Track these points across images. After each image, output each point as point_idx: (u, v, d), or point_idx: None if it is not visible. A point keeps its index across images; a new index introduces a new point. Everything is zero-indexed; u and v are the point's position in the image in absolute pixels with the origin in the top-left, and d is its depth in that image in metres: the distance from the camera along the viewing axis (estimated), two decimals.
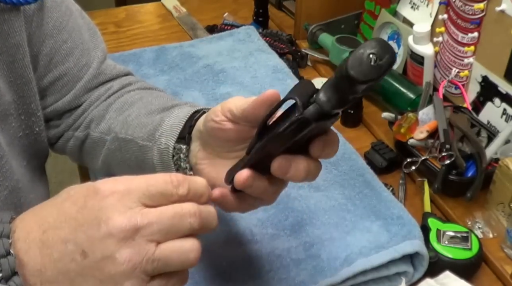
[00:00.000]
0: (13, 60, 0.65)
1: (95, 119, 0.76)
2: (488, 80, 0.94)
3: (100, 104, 0.76)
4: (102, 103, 0.76)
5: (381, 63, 0.45)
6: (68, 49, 0.73)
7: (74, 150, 0.79)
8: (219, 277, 0.68)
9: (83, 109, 0.76)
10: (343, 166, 0.84)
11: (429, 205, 0.85)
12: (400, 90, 1.03)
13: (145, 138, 0.68)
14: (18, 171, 0.67)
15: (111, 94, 0.77)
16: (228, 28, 1.28)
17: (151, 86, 0.81)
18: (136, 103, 0.75)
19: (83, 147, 0.78)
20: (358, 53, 0.45)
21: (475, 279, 0.75)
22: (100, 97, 0.77)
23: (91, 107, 0.76)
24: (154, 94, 0.77)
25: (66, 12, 0.73)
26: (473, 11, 0.93)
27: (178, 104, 0.72)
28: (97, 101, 0.77)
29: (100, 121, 0.75)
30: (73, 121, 0.77)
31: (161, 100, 0.74)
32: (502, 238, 0.79)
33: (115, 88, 0.78)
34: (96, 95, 0.77)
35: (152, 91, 0.80)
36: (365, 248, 0.70)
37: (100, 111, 0.76)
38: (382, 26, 1.15)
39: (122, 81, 0.79)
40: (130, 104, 0.75)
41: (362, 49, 0.45)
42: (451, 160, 0.84)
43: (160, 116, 0.69)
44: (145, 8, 1.43)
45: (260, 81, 1.04)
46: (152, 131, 0.68)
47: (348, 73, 0.45)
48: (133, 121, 0.71)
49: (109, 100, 0.77)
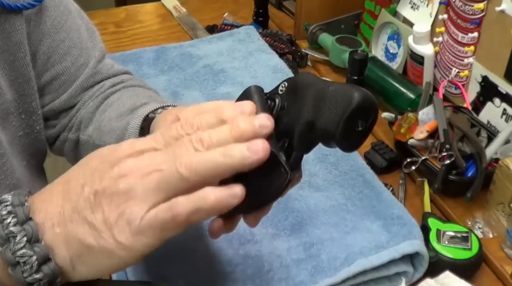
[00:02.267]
0: (14, 59, 0.65)
1: (83, 121, 0.76)
2: (488, 80, 0.94)
3: (90, 103, 0.76)
4: (92, 102, 0.76)
5: (366, 127, 0.47)
6: (66, 48, 0.73)
7: (69, 152, 0.79)
8: (219, 277, 0.68)
9: (77, 109, 0.76)
10: (343, 166, 0.84)
11: (429, 205, 0.85)
12: (400, 90, 1.03)
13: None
14: (18, 169, 0.68)
15: (102, 93, 0.77)
16: (228, 28, 1.28)
17: (139, 83, 0.81)
18: (112, 105, 0.74)
19: (77, 149, 0.78)
20: (347, 121, 0.45)
21: (475, 279, 0.75)
22: (92, 96, 0.77)
23: (83, 107, 0.76)
24: (131, 92, 0.76)
25: (64, 12, 0.73)
26: (473, 11, 0.93)
27: (148, 102, 0.72)
28: (89, 100, 0.76)
29: (88, 124, 0.75)
30: (68, 121, 0.77)
31: (134, 99, 0.73)
32: (502, 238, 0.79)
33: (106, 87, 0.77)
34: (90, 94, 0.76)
35: (134, 88, 0.78)
36: (365, 248, 0.70)
37: (89, 114, 0.76)
38: (382, 26, 1.15)
39: (114, 80, 0.79)
40: (110, 106, 0.75)
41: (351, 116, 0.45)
42: (451, 160, 0.84)
43: (127, 119, 0.69)
44: (145, 8, 1.43)
45: (260, 81, 1.04)
46: (121, 136, 0.68)
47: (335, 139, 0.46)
48: (105, 126, 0.72)
49: (98, 99, 0.76)
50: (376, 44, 1.17)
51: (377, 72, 1.06)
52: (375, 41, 1.17)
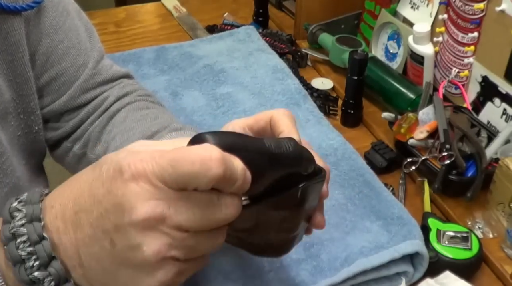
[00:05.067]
0: (13, 59, 0.65)
1: (91, 140, 0.76)
2: (488, 80, 0.94)
3: (96, 119, 0.76)
4: (98, 119, 0.76)
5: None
6: (65, 49, 0.73)
7: (72, 165, 0.79)
8: (219, 277, 0.68)
9: (81, 119, 0.76)
10: (343, 166, 0.84)
11: (429, 205, 0.85)
12: (400, 90, 1.03)
13: None
14: (18, 168, 0.68)
15: (108, 107, 0.77)
16: (228, 28, 1.28)
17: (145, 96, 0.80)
18: (119, 126, 0.74)
19: (80, 163, 0.78)
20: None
21: (475, 279, 0.75)
22: (97, 109, 0.76)
23: (88, 120, 0.76)
24: (139, 115, 0.76)
25: (63, 13, 0.73)
26: (473, 11, 0.93)
27: (159, 131, 0.71)
28: (94, 113, 0.76)
29: (96, 143, 0.75)
30: (71, 130, 0.77)
31: (143, 126, 0.73)
32: (502, 238, 0.79)
33: (111, 100, 0.77)
34: (93, 105, 0.76)
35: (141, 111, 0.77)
36: (365, 248, 0.70)
37: (96, 133, 0.76)
38: (382, 26, 1.15)
39: (118, 92, 0.78)
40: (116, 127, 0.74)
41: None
42: (451, 160, 0.84)
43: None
44: (145, 8, 1.43)
45: (260, 81, 1.04)
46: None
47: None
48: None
49: (105, 116, 0.76)
50: (376, 44, 1.17)
51: (377, 72, 1.06)
52: (375, 41, 1.17)
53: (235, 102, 0.99)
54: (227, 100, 0.99)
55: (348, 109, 1.02)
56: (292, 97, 1.00)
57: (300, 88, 1.03)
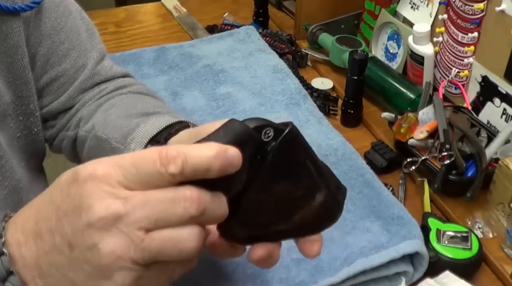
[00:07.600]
0: (12, 61, 0.65)
1: (83, 118, 0.75)
2: (488, 80, 0.94)
3: (91, 104, 0.76)
4: (93, 103, 0.76)
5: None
6: (65, 50, 0.73)
7: (67, 149, 0.78)
8: (219, 277, 0.68)
9: (76, 109, 0.76)
10: (343, 166, 0.84)
11: (429, 205, 0.85)
12: (400, 90, 1.03)
13: (118, 141, 0.68)
14: (17, 170, 0.67)
15: (104, 95, 0.77)
16: (228, 28, 1.28)
17: (146, 91, 0.80)
18: (121, 104, 0.74)
19: (75, 145, 0.78)
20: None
21: (475, 279, 0.75)
22: (93, 97, 0.76)
23: (83, 107, 0.76)
24: (143, 98, 0.76)
25: (64, 13, 0.73)
26: (473, 11, 0.93)
27: (161, 112, 0.71)
28: (89, 101, 0.76)
29: (87, 121, 0.74)
30: (66, 121, 0.76)
31: (146, 105, 0.73)
32: (502, 238, 0.79)
33: (109, 90, 0.77)
34: (90, 96, 0.76)
35: (142, 96, 0.78)
36: (365, 248, 0.70)
37: (90, 111, 0.75)
38: (382, 26, 1.15)
39: (117, 84, 0.78)
40: (116, 105, 0.74)
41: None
42: (451, 160, 0.84)
43: (137, 120, 0.68)
44: (145, 8, 1.43)
45: (260, 81, 1.04)
46: (126, 134, 0.67)
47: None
48: (112, 121, 0.71)
49: (100, 101, 0.76)
50: (376, 44, 1.17)
51: (377, 72, 1.06)
52: (375, 41, 1.17)
53: (235, 102, 0.99)
54: (227, 100, 1.00)
55: (348, 109, 1.02)
56: (292, 97, 1.00)
57: (300, 88, 1.03)
